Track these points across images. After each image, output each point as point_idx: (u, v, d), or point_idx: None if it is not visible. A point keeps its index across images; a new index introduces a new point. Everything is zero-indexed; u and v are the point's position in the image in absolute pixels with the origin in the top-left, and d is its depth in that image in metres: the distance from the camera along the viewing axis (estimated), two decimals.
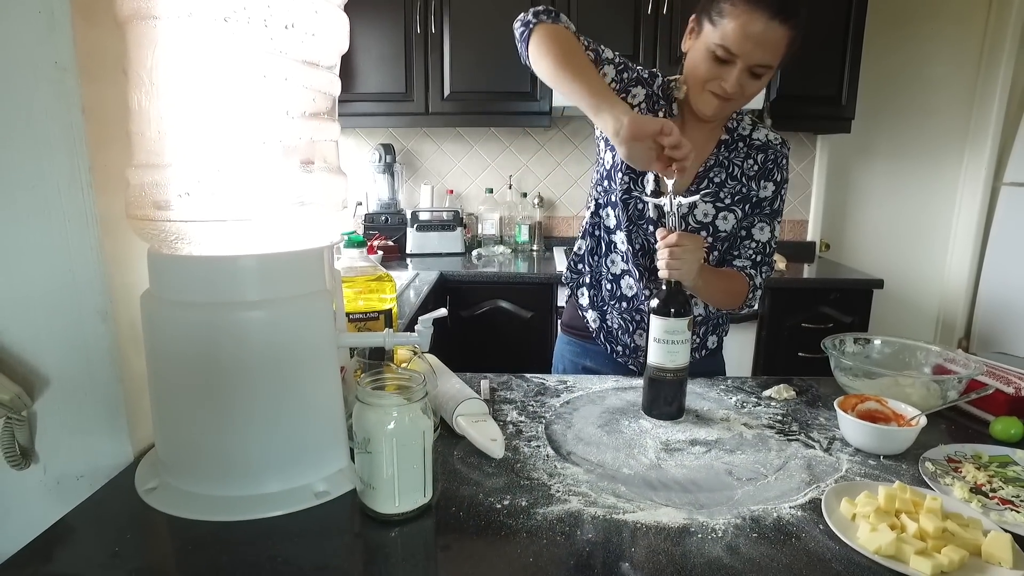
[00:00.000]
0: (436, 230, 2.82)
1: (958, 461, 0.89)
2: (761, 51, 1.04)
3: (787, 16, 1.02)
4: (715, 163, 1.22)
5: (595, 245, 1.32)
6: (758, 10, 1.02)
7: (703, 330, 1.33)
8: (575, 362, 1.39)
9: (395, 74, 2.63)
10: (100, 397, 0.84)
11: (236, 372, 0.74)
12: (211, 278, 0.74)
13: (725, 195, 1.22)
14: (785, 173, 1.25)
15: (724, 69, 1.08)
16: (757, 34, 1.03)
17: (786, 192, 1.26)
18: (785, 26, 1.03)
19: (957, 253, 3.23)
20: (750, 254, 1.25)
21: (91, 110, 0.77)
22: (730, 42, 1.04)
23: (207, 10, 0.66)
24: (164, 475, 0.80)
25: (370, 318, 1.05)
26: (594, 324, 1.34)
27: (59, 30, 0.74)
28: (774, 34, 1.03)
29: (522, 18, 1.16)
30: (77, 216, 0.79)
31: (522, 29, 1.16)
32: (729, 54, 1.05)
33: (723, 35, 1.05)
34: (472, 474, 0.85)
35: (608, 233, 1.29)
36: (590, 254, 1.33)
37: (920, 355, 1.19)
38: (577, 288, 1.37)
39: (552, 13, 1.16)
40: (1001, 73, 2.97)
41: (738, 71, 1.06)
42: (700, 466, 0.87)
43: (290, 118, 0.72)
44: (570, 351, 1.40)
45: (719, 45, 1.05)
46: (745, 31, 1.03)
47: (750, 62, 1.05)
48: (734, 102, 1.12)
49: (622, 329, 1.31)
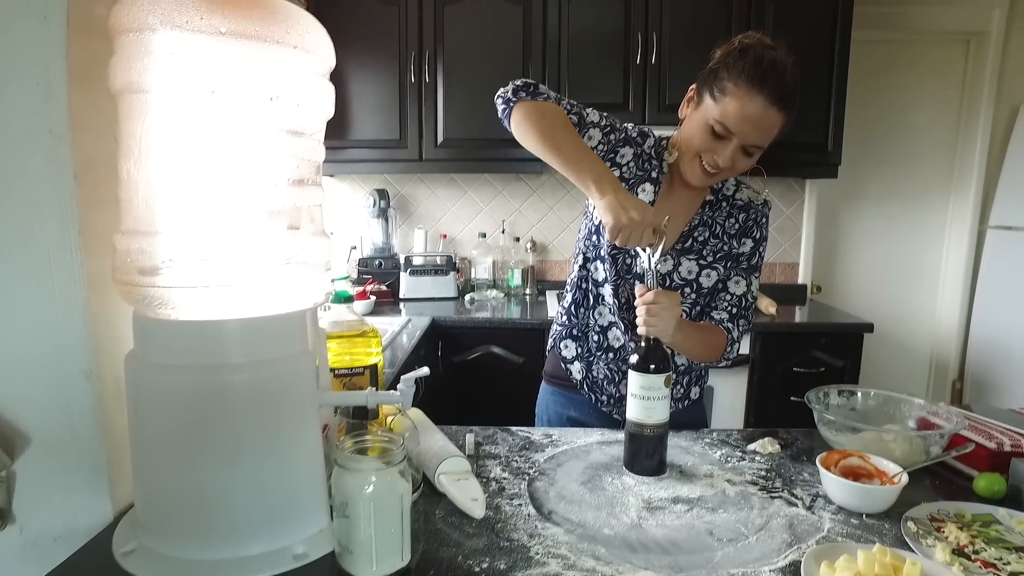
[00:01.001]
0: (429, 274, 2.84)
1: (941, 520, 0.88)
2: (757, 133, 1.09)
3: (784, 104, 1.08)
4: (699, 222, 1.25)
5: (582, 298, 1.34)
6: (760, 95, 1.06)
7: (686, 380, 1.34)
8: (560, 412, 1.39)
9: (390, 121, 2.68)
10: (82, 456, 0.84)
11: (218, 433, 0.75)
12: (195, 342, 0.74)
13: (708, 253, 1.25)
14: (764, 231, 1.28)
15: (719, 144, 1.12)
16: (755, 117, 1.07)
17: (764, 250, 1.29)
18: (782, 112, 1.09)
19: (947, 295, 3.26)
20: (725, 306, 1.26)
21: (83, 175, 0.79)
22: (729, 121, 1.09)
23: (195, 84, 0.68)
24: (142, 537, 0.80)
25: (355, 373, 1.06)
26: (579, 375, 1.34)
27: (55, 100, 0.77)
28: (771, 119, 1.08)
29: (502, 94, 1.19)
30: (65, 277, 0.80)
31: (503, 107, 1.19)
32: (727, 131, 1.10)
33: (723, 113, 1.09)
34: (453, 534, 0.84)
35: (596, 286, 1.30)
36: (576, 306, 1.35)
37: (904, 408, 1.19)
38: (561, 340, 1.37)
39: (530, 87, 1.18)
40: (981, 120, 3.05)
41: (732, 148, 1.11)
42: (681, 526, 0.87)
43: (274, 186, 0.74)
44: (555, 401, 1.40)
45: (718, 121, 1.10)
46: (744, 112, 1.07)
47: (745, 141, 1.10)
48: (722, 174, 1.16)
49: (608, 379, 1.31)
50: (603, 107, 2.73)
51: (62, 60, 0.76)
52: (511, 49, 2.61)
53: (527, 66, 2.62)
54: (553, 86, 2.62)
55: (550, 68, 2.62)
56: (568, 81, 2.63)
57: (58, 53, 0.76)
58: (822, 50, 2.59)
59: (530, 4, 2.58)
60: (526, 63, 2.62)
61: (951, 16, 3.00)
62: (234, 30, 0.68)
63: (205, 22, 0.67)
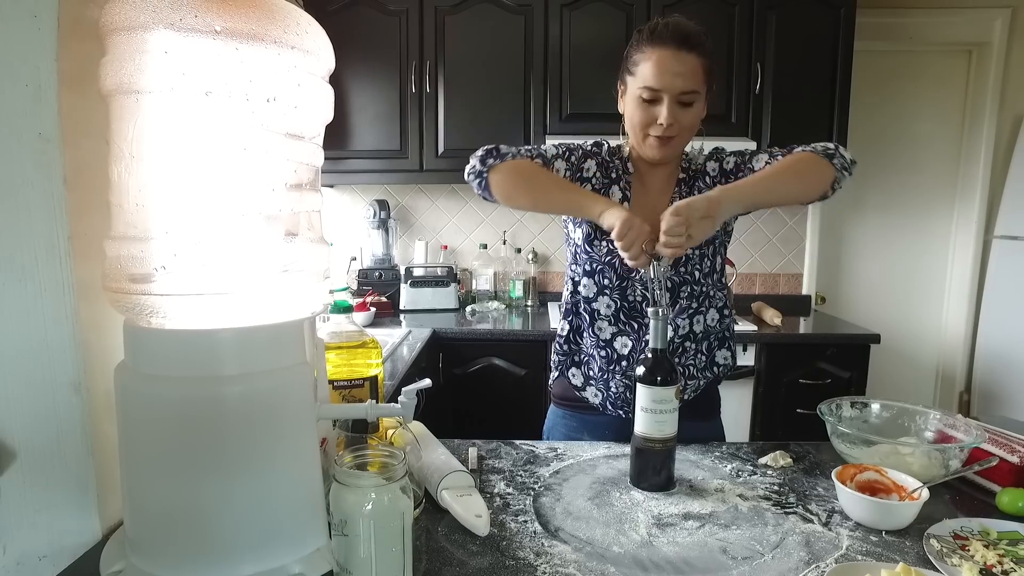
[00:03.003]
0: (430, 286, 2.82)
1: (965, 538, 0.85)
2: (681, 80, 1.12)
3: (691, 46, 1.12)
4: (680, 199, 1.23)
5: (579, 323, 1.32)
6: (662, 45, 1.12)
7: (705, 345, 1.29)
8: (570, 437, 1.34)
9: (390, 132, 2.67)
10: (69, 471, 0.81)
11: (212, 448, 0.72)
12: (188, 352, 0.71)
13: None
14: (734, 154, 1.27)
15: (655, 108, 1.15)
16: (668, 62, 1.11)
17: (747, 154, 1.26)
18: (692, 54, 1.12)
19: (953, 306, 3.23)
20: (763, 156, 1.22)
21: (74, 179, 0.77)
22: (650, 80, 1.13)
23: (189, 85, 0.66)
24: (131, 556, 0.76)
25: (355, 385, 1.02)
26: (597, 399, 1.31)
27: (45, 102, 0.75)
28: (685, 62, 1.12)
29: (471, 170, 1.22)
30: (53, 284, 0.78)
31: (477, 180, 1.22)
32: (653, 92, 1.13)
33: (643, 78, 1.14)
34: (457, 552, 0.81)
35: (589, 303, 1.29)
36: (573, 332, 1.33)
37: (920, 420, 1.16)
38: (567, 370, 1.35)
39: (494, 152, 1.21)
40: (985, 130, 3.03)
41: (667, 104, 1.13)
42: (693, 543, 0.84)
43: (271, 190, 0.71)
44: (565, 425, 1.36)
45: (643, 88, 1.14)
46: (659, 66, 1.12)
47: (674, 91, 1.13)
48: (676, 139, 1.17)
49: (629, 389, 1.27)
50: (604, 116, 2.72)
51: (52, 61, 0.74)
52: (512, 59, 2.61)
53: (528, 76, 2.61)
54: (554, 96, 2.61)
55: (551, 78, 2.61)
56: (569, 91, 2.61)
57: (48, 54, 0.74)
58: (825, 61, 2.59)
59: (531, 14, 2.58)
60: (527, 73, 2.61)
61: (953, 27, 2.99)
62: (229, 29, 0.66)
63: (199, 20, 0.65)
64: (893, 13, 2.95)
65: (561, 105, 2.62)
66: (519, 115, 2.64)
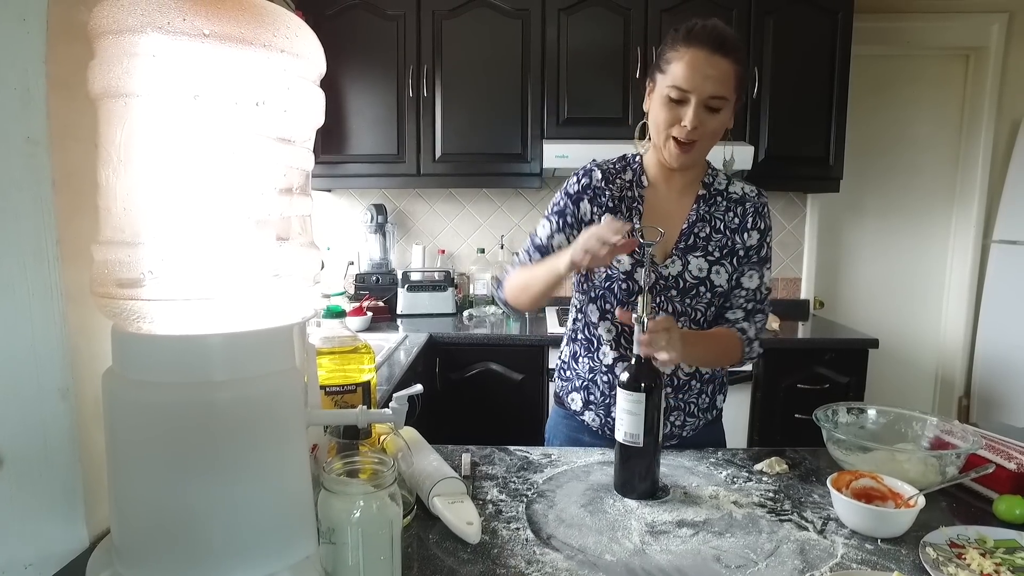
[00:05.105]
0: (427, 290, 2.81)
1: (961, 546, 0.84)
2: (711, 84, 1.10)
3: (726, 51, 1.10)
4: (697, 218, 1.24)
5: (581, 349, 1.33)
6: (698, 47, 1.10)
7: (710, 388, 1.31)
8: (572, 436, 1.35)
9: (388, 136, 2.66)
10: (56, 479, 0.80)
11: (200, 454, 0.71)
12: (176, 358, 0.71)
13: (714, 248, 1.23)
14: (768, 221, 1.27)
15: (681, 109, 1.13)
16: (701, 65, 1.09)
17: (771, 240, 1.28)
18: (727, 59, 1.10)
19: (951, 311, 3.22)
20: (741, 303, 1.25)
21: (62, 183, 0.76)
22: (680, 80, 1.11)
23: (177, 88, 0.65)
24: (119, 564, 0.75)
25: (347, 391, 1.02)
26: (595, 423, 1.31)
27: (33, 106, 0.74)
28: (718, 67, 1.10)
29: (496, 297, 1.38)
30: (41, 289, 0.77)
31: (504, 305, 1.34)
32: (682, 92, 1.11)
33: (673, 77, 1.12)
34: (447, 560, 0.80)
35: (593, 328, 1.30)
36: (574, 358, 1.34)
37: (916, 426, 1.15)
38: (567, 395, 1.35)
39: (496, 282, 1.37)
40: (982, 134, 3.03)
41: (694, 107, 1.11)
42: (686, 551, 0.83)
43: (260, 195, 0.71)
44: (567, 425, 1.37)
45: (671, 87, 1.12)
46: (691, 66, 1.10)
47: (703, 95, 1.10)
48: (697, 145, 1.15)
49: None
50: (602, 121, 2.72)
51: (41, 64, 0.73)
52: (510, 64, 2.60)
53: (525, 81, 2.61)
54: (552, 101, 2.61)
55: (548, 83, 2.61)
56: (567, 96, 2.61)
57: (37, 57, 0.73)
58: (823, 65, 2.59)
59: (529, 19, 2.58)
60: (524, 78, 2.61)
61: (950, 31, 3.00)
62: (218, 32, 0.65)
63: (188, 23, 0.64)
64: (891, 17, 2.96)
65: (558, 109, 2.62)
66: (516, 119, 2.64)
